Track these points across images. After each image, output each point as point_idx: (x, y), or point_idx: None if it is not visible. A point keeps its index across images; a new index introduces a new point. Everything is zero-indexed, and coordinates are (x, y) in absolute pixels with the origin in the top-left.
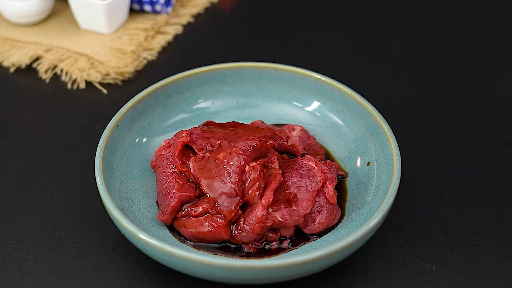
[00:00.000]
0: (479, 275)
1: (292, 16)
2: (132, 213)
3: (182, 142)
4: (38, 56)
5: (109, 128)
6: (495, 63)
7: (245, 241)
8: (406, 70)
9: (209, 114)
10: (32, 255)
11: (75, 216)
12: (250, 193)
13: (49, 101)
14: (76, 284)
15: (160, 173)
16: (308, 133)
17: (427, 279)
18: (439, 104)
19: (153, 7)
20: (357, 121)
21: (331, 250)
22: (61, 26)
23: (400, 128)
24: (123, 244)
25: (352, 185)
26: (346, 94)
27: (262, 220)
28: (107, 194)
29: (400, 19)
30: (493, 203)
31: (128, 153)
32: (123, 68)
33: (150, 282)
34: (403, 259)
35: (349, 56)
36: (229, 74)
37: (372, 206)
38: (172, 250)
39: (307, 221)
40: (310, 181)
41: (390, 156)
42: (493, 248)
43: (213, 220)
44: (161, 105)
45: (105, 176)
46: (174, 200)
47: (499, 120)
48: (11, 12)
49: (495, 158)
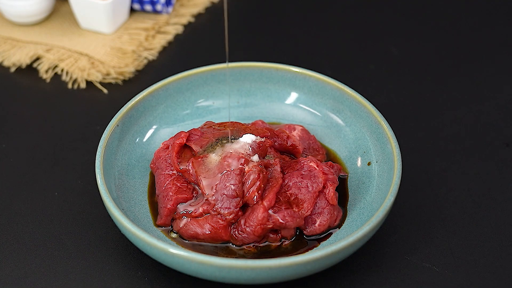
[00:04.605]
0: (480, 275)
1: (292, 16)
2: (133, 213)
3: (179, 144)
4: (38, 56)
5: (109, 128)
6: (495, 63)
7: (245, 242)
8: (407, 70)
9: (209, 114)
10: (32, 255)
11: (75, 216)
12: (250, 194)
13: (50, 101)
14: (76, 284)
15: (158, 175)
16: (308, 133)
17: (428, 279)
18: (440, 104)
19: (154, 6)
20: (358, 121)
21: (331, 250)
22: (61, 25)
23: (400, 128)
24: (124, 244)
25: (352, 185)
26: (347, 94)
27: (263, 222)
28: (107, 194)
29: (401, 19)
30: (493, 203)
31: (129, 153)
32: (124, 67)
33: (150, 282)
34: (403, 259)
35: (349, 56)
36: (229, 74)
37: (373, 206)
38: (172, 250)
39: (308, 223)
40: (311, 182)
41: (390, 156)
42: (493, 248)
43: (213, 221)
44: (162, 105)
45: (106, 176)
46: (171, 203)
47: (499, 120)
48: (12, 11)
49: (495, 158)
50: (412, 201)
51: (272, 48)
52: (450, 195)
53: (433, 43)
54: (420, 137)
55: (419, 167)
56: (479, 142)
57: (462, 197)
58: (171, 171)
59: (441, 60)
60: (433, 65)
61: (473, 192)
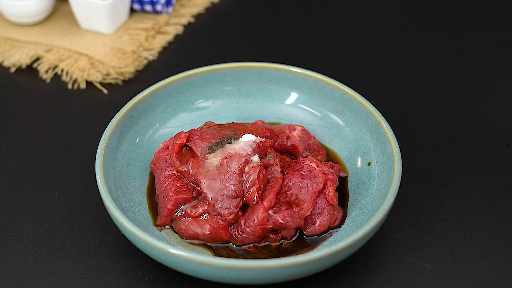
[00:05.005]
0: (480, 276)
1: (292, 16)
2: (133, 213)
3: (179, 144)
4: (38, 56)
5: (109, 128)
6: (495, 63)
7: (245, 242)
8: (407, 70)
9: (210, 114)
10: (32, 255)
11: (75, 216)
12: (250, 194)
13: (50, 101)
14: (77, 284)
15: (159, 175)
16: (308, 133)
17: (428, 279)
18: (440, 104)
19: (154, 7)
20: (358, 121)
21: (331, 250)
22: (61, 26)
23: (400, 128)
24: (124, 244)
25: (352, 185)
26: (347, 94)
27: (263, 223)
28: (107, 194)
29: (401, 19)
30: (493, 203)
31: (129, 153)
32: (124, 68)
33: (150, 282)
34: (403, 259)
35: (349, 56)
36: (229, 74)
37: (373, 207)
38: (172, 250)
39: (308, 223)
40: (311, 182)
41: (390, 156)
42: (494, 248)
43: (213, 221)
44: (162, 105)
45: (106, 176)
46: (171, 203)
47: (499, 120)
48: (12, 12)
49: (495, 158)
50: (412, 201)
51: (272, 48)
52: (450, 195)
53: (433, 43)
54: (420, 137)
55: (419, 167)
56: (479, 142)
57: (462, 197)
58: (171, 172)
59: (441, 60)
60: (433, 65)
61: (473, 192)
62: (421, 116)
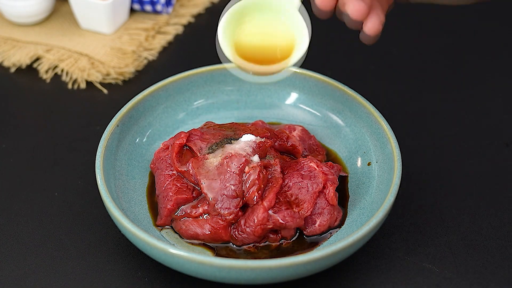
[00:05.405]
0: (480, 276)
1: None
2: (133, 213)
3: (179, 144)
4: (38, 56)
5: (109, 128)
6: (495, 63)
7: (245, 242)
8: (407, 70)
9: (210, 114)
10: (32, 255)
11: (75, 216)
12: (250, 194)
13: (50, 101)
14: (77, 284)
15: (158, 175)
16: (308, 133)
17: (428, 279)
18: (440, 104)
19: (154, 7)
20: (358, 121)
21: (331, 251)
22: (61, 26)
23: (400, 128)
24: (124, 244)
25: (352, 185)
26: (347, 94)
27: (263, 223)
28: (107, 194)
29: (401, 19)
30: (493, 203)
31: (129, 153)
32: (124, 68)
33: (150, 282)
34: (403, 259)
35: (349, 56)
36: (229, 74)
37: (373, 207)
38: (172, 250)
39: (308, 223)
40: (311, 182)
41: (390, 156)
42: (494, 248)
43: (213, 221)
44: (162, 105)
45: (106, 176)
46: (171, 203)
47: (499, 120)
48: (12, 12)
49: (495, 158)
50: (412, 201)
51: None
52: (450, 195)
53: (433, 43)
54: (420, 137)
55: (419, 167)
56: (479, 142)
57: (462, 197)
58: (171, 172)
59: (441, 60)
60: (433, 65)
61: (473, 192)
62: (421, 116)
